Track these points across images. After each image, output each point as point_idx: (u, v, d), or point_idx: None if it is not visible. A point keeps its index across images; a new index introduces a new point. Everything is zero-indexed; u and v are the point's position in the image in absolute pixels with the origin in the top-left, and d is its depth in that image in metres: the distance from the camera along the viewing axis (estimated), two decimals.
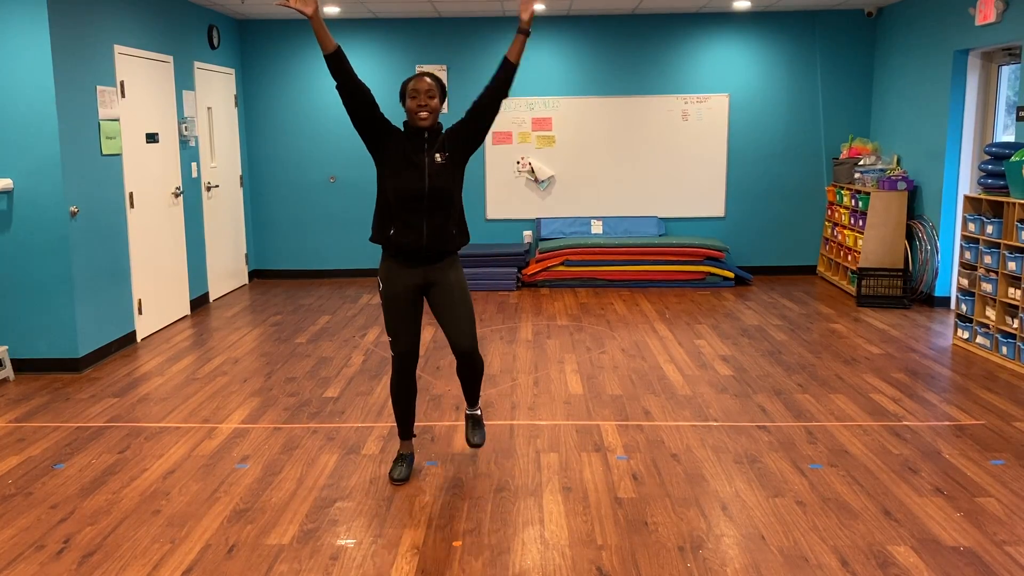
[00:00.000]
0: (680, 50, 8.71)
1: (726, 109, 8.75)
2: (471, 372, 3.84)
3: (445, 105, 3.72)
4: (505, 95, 3.66)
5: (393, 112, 4.61)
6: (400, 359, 3.75)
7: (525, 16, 3.61)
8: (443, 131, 3.69)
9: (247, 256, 8.94)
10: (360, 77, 8.13)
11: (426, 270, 3.68)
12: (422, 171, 3.57)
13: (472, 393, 3.94)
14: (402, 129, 3.66)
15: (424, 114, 3.56)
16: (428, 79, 3.60)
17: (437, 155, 3.61)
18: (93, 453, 4.22)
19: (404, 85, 3.61)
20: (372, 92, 3.60)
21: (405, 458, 3.92)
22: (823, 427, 4.47)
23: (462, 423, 4.57)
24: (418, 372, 5.53)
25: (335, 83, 3.62)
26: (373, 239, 3.72)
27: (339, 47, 3.50)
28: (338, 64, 3.50)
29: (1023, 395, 4.98)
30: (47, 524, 3.47)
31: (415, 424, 4.26)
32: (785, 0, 7.99)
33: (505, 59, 3.61)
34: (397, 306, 3.70)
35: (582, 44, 8.73)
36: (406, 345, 3.74)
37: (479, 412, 4.00)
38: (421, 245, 3.61)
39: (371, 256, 9.11)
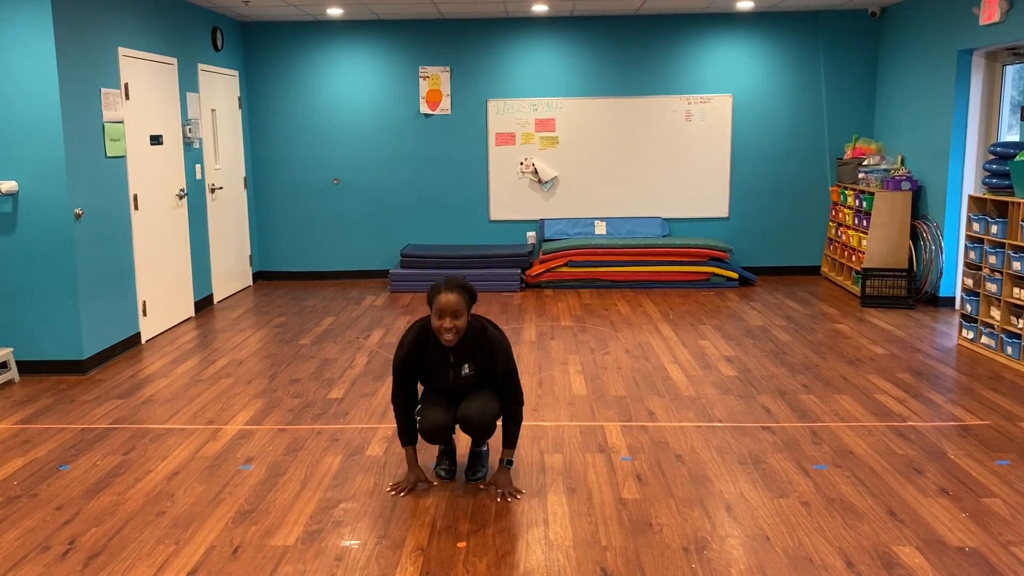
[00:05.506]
0: (683, 51, 8.71)
1: (730, 109, 8.75)
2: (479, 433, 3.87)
3: (448, 105, 3.70)
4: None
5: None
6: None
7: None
8: (471, 338, 3.65)
9: (251, 258, 8.96)
10: (364, 95, 8.12)
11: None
12: (448, 381, 3.73)
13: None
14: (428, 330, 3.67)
15: (449, 336, 3.53)
16: (455, 296, 3.47)
17: (465, 366, 3.69)
18: (98, 455, 4.23)
19: (433, 293, 3.53)
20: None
21: (447, 454, 3.97)
22: (827, 428, 4.47)
23: None
24: None
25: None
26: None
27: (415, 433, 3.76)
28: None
29: None
30: (52, 525, 3.48)
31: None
32: (788, 0, 7.98)
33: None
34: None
35: (585, 45, 8.72)
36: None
37: (485, 448, 4.01)
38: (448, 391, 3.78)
39: (374, 257, 9.13)
